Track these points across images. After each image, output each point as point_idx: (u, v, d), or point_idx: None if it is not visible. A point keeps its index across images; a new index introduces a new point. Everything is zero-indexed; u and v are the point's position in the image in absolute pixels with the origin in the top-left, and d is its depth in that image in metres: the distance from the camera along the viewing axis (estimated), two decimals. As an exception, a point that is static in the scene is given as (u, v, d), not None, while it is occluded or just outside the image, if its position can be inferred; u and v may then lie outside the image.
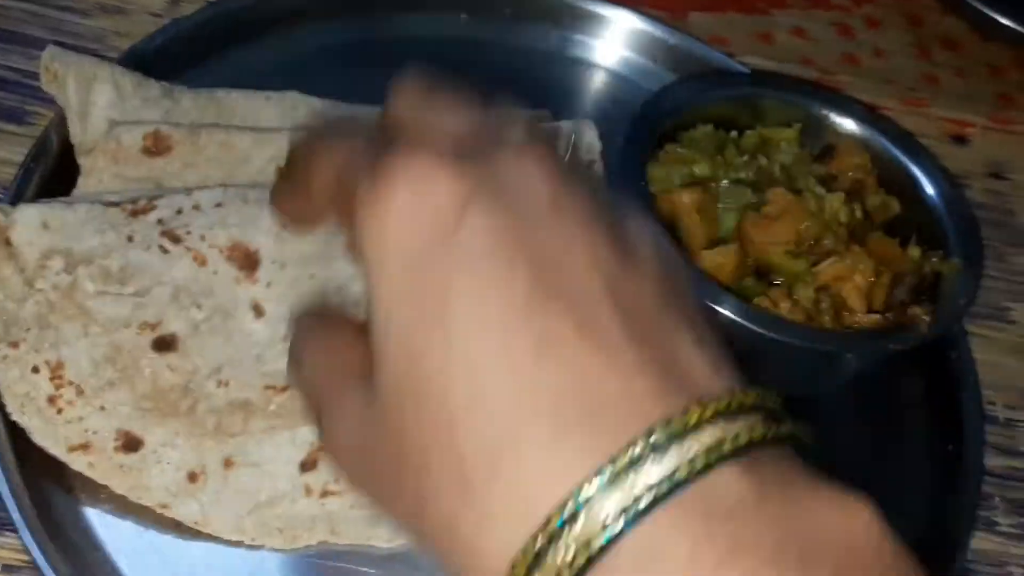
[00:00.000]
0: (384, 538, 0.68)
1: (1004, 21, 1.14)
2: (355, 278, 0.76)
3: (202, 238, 0.73)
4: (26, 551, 0.63)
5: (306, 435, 0.70)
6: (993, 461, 0.85)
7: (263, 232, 0.75)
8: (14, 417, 0.67)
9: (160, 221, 0.73)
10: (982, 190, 1.07)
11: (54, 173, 0.81)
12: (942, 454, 0.82)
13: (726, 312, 0.73)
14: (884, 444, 0.83)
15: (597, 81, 1.02)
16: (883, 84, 1.13)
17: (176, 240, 0.73)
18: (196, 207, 0.75)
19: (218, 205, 0.75)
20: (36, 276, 0.70)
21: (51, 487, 0.67)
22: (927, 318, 0.76)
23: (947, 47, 1.18)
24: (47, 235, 0.70)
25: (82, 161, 0.81)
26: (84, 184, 0.80)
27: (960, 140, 1.11)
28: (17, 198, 0.78)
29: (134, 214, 0.73)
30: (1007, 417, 0.89)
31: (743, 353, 0.75)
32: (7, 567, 0.67)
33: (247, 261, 0.74)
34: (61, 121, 0.82)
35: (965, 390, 0.85)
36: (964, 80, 1.17)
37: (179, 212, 0.74)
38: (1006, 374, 0.92)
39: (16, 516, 0.63)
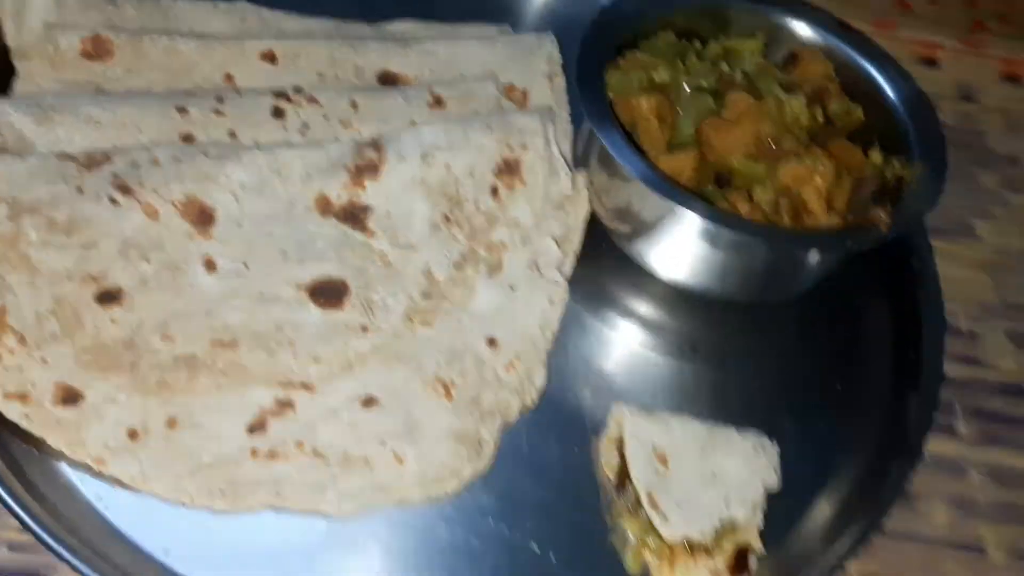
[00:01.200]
0: (332, 503, 0.67)
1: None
2: (316, 236, 0.75)
3: (155, 191, 0.71)
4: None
5: (255, 397, 0.68)
6: (956, 370, 0.86)
7: (220, 188, 0.73)
8: (-49, 359, 0.65)
9: (114, 174, 0.71)
10: (951, 112, 1.07)
11: None
12: (903, 360, 0.82)
13: (695, 214, 0.73)
14: (848, 351, 0.83)
15: None
16: (853, 7, 1.11)
17: (127, 192, 0.70)
18: (154, 162, 0.72)
19: (176, 160, 0.73)
20: (-22, 222, 0.68)
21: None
22: (887, 219, 0.75)
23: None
24: (-8, 181, 0.68)
25: (18, 64, 0.79)
26: (20, 87, 0.79)
27: (930, 63, 1.11)
28: None
29: (87, 166, 0.71)
30: (970, 328, 0.90)
31: (708, 258, 0.75)
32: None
33: (201, 217, 0.72)
34: None
35: (925, 298, 0.85)
36: (937, 7, 1.16)
37: (134, 165, 0.72)
38: (971, 288, 0.93)
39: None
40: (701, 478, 0.69)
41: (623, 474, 0.70)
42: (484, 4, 0.97)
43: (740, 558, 0.68)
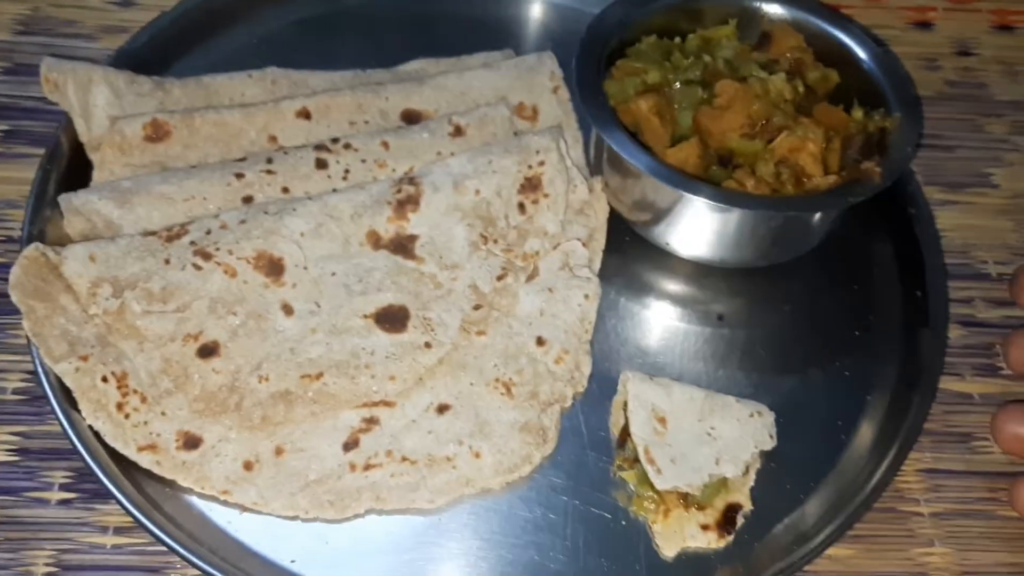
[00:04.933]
0: (426, 500, 0.77)
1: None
2: (372, 269, 0.84)
3: (230, 252, 0.81)
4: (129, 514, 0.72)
5: (346, 420, 0.78)
6: (993, 314, 0.93)
7: (284, 239, 0.83)
8: (88, 421, 0.75)
9: (192, 242, 0.81)
10: (952, 69, 1.14)
11: (69, 171, 0.89)
12: (912, 300, 0.90)
13: (703, 199, 0.81)
14: (862, 298, 0.91)
15: (552, 14, 1.10)
16: None
17: (207, 257, 0.81)
18: (223, 226, 0.82)
19: (242, 222, 0.83)
20: (89, 303, 0.78)
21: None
22: (879, 169, 0.83)
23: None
24: (94, 266, 0.78)
25: (93, 156, 0.90)
26: (98, 176, 0.89)
27: (924, 25, 1.18)
28: (39, 199, 0.86)
29: (169, 239, 0.81)
30: (999, 272, 0.96)
31: (721, 233, 0.84)
32: (117, 529, 0.76)
33: (272, 267, 0.82)
34: (68, 124, 0.91)
35: (925, 239, 0.92)
36: None
37: (208, 232, 0.82)
38: (994, 234, 0.99)
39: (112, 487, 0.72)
40: (696, 438, 0.78)
41: (625, 431, 0.79)
42: (486, 31, 1.07)
43: (729, 514, 0.77)
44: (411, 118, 0.96)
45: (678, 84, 0.90)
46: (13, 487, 0.77)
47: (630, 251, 0.93)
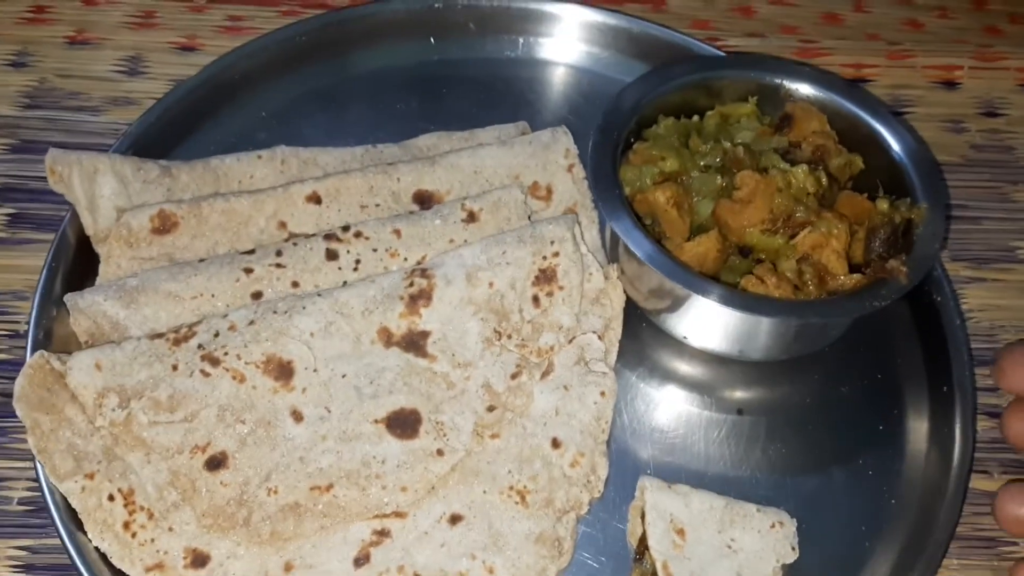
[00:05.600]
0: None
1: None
2: (384, 369, 0.82)
3: (238, 357, 0.80)
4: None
5: (356, 532, 0.77)
6: None
7: (294, 340, 0.81)
8: (95, 542, 0.74)
9: (200, 346, 0.80)
10: (978, 131, 1.10)
11: (76, 265, 0.87)
12: (938, 393, 0.87)
13: (713, 301, 0.79)
14: (886, 389, 0.89)
15: (567, 80, 1.08)
16: (867, 40, 1.15)
17: (216, 363, 0.79)
18: (231, 328, 0.81)
19: (251, 323, 0.81)
20: (95, 414, 0.77)
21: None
22: (904, 268, 0.81)
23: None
24: (100, 375, 0.77)
25: (99, 250, 0.88)
26: (104, 270, 0.87)
27: (950, 85, 1.15)
28: (45, 296, 0.84)
29: (176, 343, 0.80)
30: None
31: (737, 329, 0.82)
32: None
33: (282, 371, 0.80)
34: (74, 217, 0.89)
35: (951, 330, 0.89)
36: (948, 20, 1.19)
37: (216, 335, 0.80)
38: (1020, 314, 0.96)
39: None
40: (715, 551, 0.76)
41: (644, 543, 0.78)
42: (500, 98, 1.05)
43: None
44: (423, 199, 0.94)
45: (696, 173, 0.88)
46: (18, 607, 0.76)
47: (647, 338, 0.91)
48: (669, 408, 0.88)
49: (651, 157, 0.88)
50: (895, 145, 0.89)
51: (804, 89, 0.93)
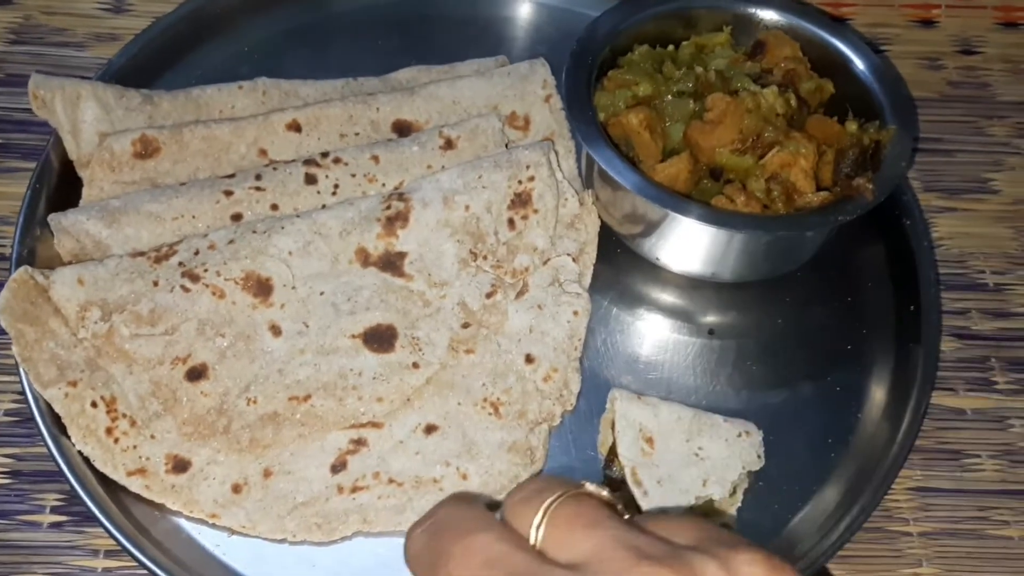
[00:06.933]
0: (412, 522, 0.77)
1: None
2: (361, 287, 0.84)
3: (218, 273, 0.81)
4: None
5: (334, 441, 0.79)
6: (988, 325, 0.92)
7: (272, 259, 0.83)
8: (78, 447, 0.76)
9: (181, 263, 0.81)
10: (955, 68, 1.12)
11: (60, 189, 0.89)
12: (906, 313, 0.89)
13: (692, 219, 0.81)
14: (855, 311, 0.91)
15: (547, 17, 1.09)
16: None
17: (196, 279, 0.81)
18: (211, 246, 0.82)
19: (231, 242, 0.83)
20: (78, 326, 0.78)
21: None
22: (871, 186, 0.83)
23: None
24: (83, 289, 0.79)
25: (82, 174, 0.89)
26: (88, 194, 0.88)
27: (927, 23, 1.16)
28: (28, 218, 0.86)
29: (157, 260, 0.81)
30: (996, 283, 0.95)
31: (711, 250, 0.84)
32: (108, 552, 0.77)
33: (260, 288, 0.82)
34: (58, 141, 0.90)
35: (919, 252, 0.91)
36: None
37: (196, 253, 0.82)
38: (993, 242, 0.98)
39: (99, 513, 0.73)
40: (683, 459, 0.78)
41: (613, 452, 0.80)
42: (479, 34, 1.06)
43: None
44: (402, 129, 0.95)
45: (668, 97, 0.89)
46: (5, 510, 0.78)
47: (621, 263, 0.93)
48: (642, 330, 0.90)
49: (625, 82, 0.90)
50: (864, 69, 0.90)
51: (777, 18, 0.95)
